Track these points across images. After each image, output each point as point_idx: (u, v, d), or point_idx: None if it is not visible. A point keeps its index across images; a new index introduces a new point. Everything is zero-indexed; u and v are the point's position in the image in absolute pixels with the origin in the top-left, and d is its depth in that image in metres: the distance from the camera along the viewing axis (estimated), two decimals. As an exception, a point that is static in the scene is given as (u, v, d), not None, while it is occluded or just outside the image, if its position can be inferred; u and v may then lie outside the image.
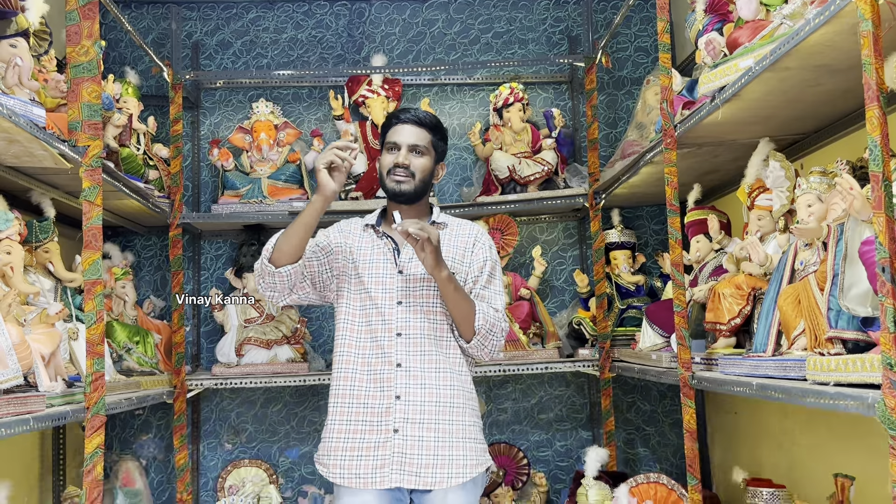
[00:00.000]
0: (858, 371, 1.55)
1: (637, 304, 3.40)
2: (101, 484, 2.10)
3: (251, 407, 3.75)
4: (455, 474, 2.15)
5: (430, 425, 2.16)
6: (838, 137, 2.46)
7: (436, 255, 2.08)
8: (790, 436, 2.88)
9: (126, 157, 3.08)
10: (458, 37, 3.95)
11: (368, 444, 2.16)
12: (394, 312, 2.22)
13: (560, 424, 3.79)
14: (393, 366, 2.19)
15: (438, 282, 2.15)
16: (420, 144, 2.27)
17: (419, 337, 2.21)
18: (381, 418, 2.17)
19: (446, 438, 2.16)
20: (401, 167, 2.25)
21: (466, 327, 2.20)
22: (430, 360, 2.20)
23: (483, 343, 2.22)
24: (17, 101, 2.03)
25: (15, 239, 2.12)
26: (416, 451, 2.14)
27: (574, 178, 3.61)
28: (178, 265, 3.39)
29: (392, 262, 2.27)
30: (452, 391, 2.21)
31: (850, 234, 1.70)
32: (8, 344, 1.90)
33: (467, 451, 2.19)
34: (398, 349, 2.20)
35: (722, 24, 2.44)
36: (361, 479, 2.14)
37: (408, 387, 2.18)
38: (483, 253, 2.33)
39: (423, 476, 2.13)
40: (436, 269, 2.10)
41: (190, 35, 3.88)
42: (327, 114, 3.86)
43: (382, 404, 2.17)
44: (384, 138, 2.34)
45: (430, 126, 2.31)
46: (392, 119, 2.32)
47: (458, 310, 2.19)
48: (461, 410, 2.21)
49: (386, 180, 2.28)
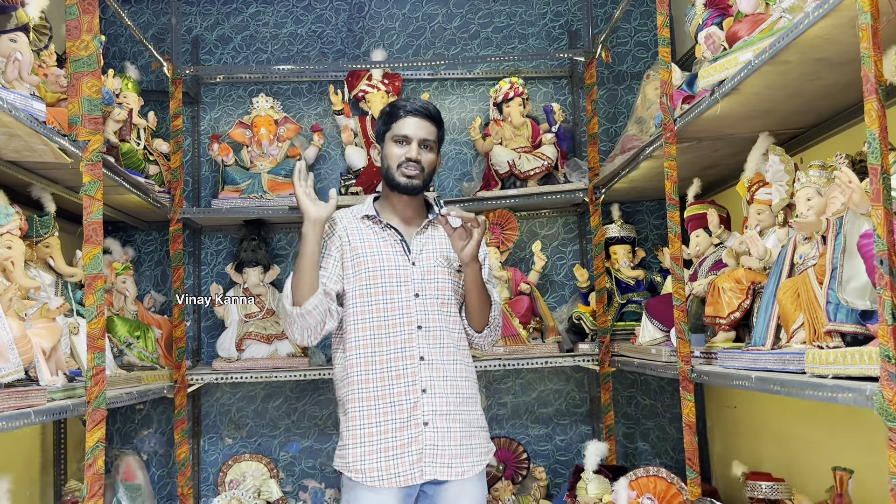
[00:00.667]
0: (857, 364, 1.55)
1: (637, 299, 3.40)
2: (102, 478, 2.10)
3: (252, 401, 3.76)
4: (475, 462, 2.20)
5: (456, 416, 2.18)
6: (838, 131, 2.46)
7: (478, 245, 2.12)
8: (789, 429, 2.89)
9: (126, 152, 3.08)
10: (458, 31, 3.95)
11: (402, 441, 2.13)
12: (412, 305, 2.19)
13: (560, 419, 3.80)
14: (416, 359, 2.17)
15: (472, 272, 2.16)
16: (430, 139, 2.25)
17: (438, 329, 2.20)
18: (409, 414, 2.14)
19: (467, 429, 2.20)
20: (413, 161, 2.21)
21: (482, 318, 2.24)
22: (448, 352, 2.22)
23: (490, 333, 2.29)
24: (17, 96, 2.04)
25: (16, 233, 2.12)
26: (447, 441, 2.15)
27: (574, 173, 3.61)
28: (178, 260, 3.40)
29: (402, 254, 2.23)
30: (468, 382, 2.25)
31: (849, 228, 1.70)
32: (9, 338, 1.91)
33: (481, 439, 2.25)
34: (420, 342, 2.18)
35: (721, 18, 2.44)
36: (402, 477, 2.12)
37: (432, 380, 2.17)
38: (484, 246, 2.34)
39: (455, 466, 2.15)
40: (475, 258, 2.13)
41: (190, 30, 3.88)
42: (327, 109, 3.86)
43: (410, 399, 2.15)
44: (388, 128, 2.27)
45: (437, 119, 2.28)
46: (398, 110, 2.25)
47: (478, 300, 2.21)
48: (474, 400, 2.27)
49: (395, 173, 2.22)
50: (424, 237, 2.27)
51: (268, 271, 3.50)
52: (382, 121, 2.30)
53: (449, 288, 2.24)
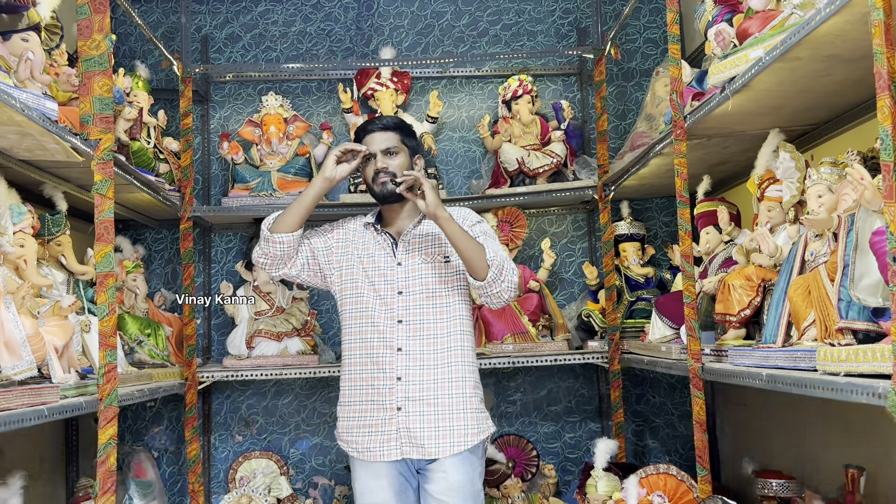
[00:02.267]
0: (869, 361, 1.54)
1: (646, 297, 3.40)
2: (114, 474, 2.12)
3: (262, 399, 3.77)
4: (456, 443, 2.32)
5: (430, 401, 2.33)
6: (849, 128, 2.45)
7: (435, 196, 2.25)
8: (800, 427, 2.88)
9: (136, 150, 3.10)
10: (467, 29, 3.94)
11: (375, 421, 2.35)
12: (395, 301, 2.38)
13: (569, 416, 3.80)
14: (394, 350, 2.36)
15: (442, 221, 2.26)
16: (391, 145, 2.41)
17: (419, 322, 2.37)
18: (384, 398, 2.35)
19: (445, 411, 2.33)
20: (380, 172, 2.39)
21: (479, 262, 2.28)
22: (430, 342, 2.37)
23: (499, 276, 2.28)
24: (29, 95, 2.05)
25: (28, 232, 2.13)
26: (418, 424, 2.32)
27: (583, 170, 3.61)
28: (188, 258, 3.41)
29: (391, 255, 2.43)
30: (451, 368, 2.36)
31: (861, 225, 1.69)
32: (22, 336, 1.92)
33: (468, 420, 2.35)
34: (398, 335, 2.36)
35: (731, 14, 2.43)
36: (372, 453, 2.34)
37: (408, 369, 2.35)
38: (470, 222, 2.43)
39: (427, 447, 2.31)
40: (439, 207, 2.25)
41: (199, 29, 3.90)
42: (336, 107, 3.87)
43: (385, 385, 2.35)
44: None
45: (394, 127, 2.45)
46: (360, 132, 2.46)
47: (465, 247, 2.28)
48: (461, 383, 2.37)
49: (374, 187, 2.42)
50: (411, 238, 2.44)
51: (277, 269, 3.51)
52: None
53: (436, 282, 2.39)
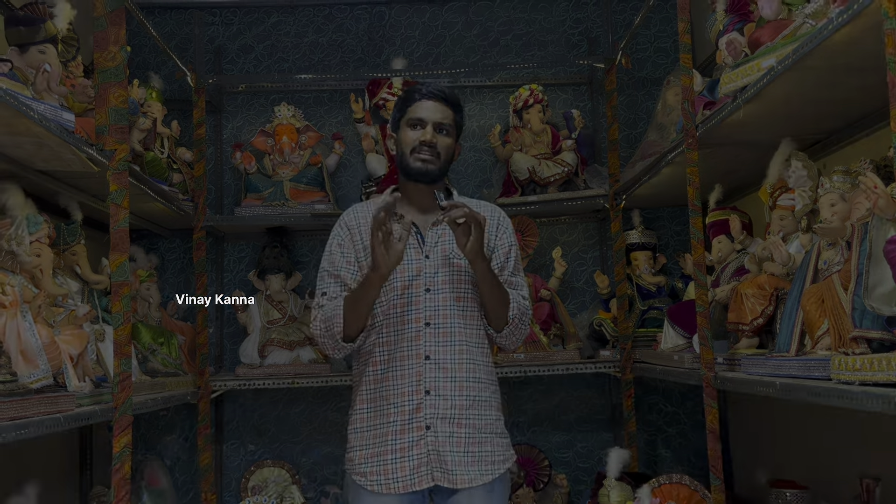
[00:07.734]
0: (884, 370, 1.54)
1: (658, 305, 3.39)
2: (129, 483, 2.13)
3: (274, 408, 3.78)
4: (484, 471, 2.06)
5: (461, 420, 2.06)
6: (861, 137, 2.45)
7: (482, 241, 1.96)
8: (814, 436, 2.86)
9: (150, 160, 3.12)
10: (478, 39, 3.96)
11: (401, 445, 2.04)
12: (422, 300, 2.08)
13: (581, 426, 3.79)
14: (421, 358, 2.06)
15: (478, 270, 2.02)
16: (445, 123, 2.13)
17: (448, 326, 2.08)
18: (411, 416, 2.05)
19: (475, 435, 2.07)
20: (427, 145, 2.09)
21: (500, 317, 2.10)
22: (460, 350, 2.09)
23: (513, 332, 2.14)
24: (47, 107, 2.07)
25: (44, 241, 2.15)
26: (448, 447, 2.04)
27: (594, 179, 3.61)
28: (201, 267, 3.43)
29: (415, 246, 2.11)
30: (480, 384, 2.11)
31: (875, 233, 1.69)
32: (38, 344, 1.94)
33: (495, 446, 2.11)
34: (426, 340, 2.07)
35: (743, 23, 2.43)
36: (401, 483, 2.03)
37: (437, 381, 2.05)
38: (508, 238, 2.23)
39: (457, 474, 2.03)
40: (479, 255, 1.98)
41: (212, 40, 3.93)
42: (348, 117, 3.89)
43: (413, 401, 2.05)
44: (402, 113, 2.18)
45: (453, 103, 2.17)
46: (414, 94, 2.15)
47: (493, 298, 2.08)
48: (488, 404, 2.12)
49: (409, 159, 2.11)
50: (441, 228, 2.12)
51: (290, 278, 3.53)
52: (397, 107, 2.21)
53: (467, 280, 2.10)
